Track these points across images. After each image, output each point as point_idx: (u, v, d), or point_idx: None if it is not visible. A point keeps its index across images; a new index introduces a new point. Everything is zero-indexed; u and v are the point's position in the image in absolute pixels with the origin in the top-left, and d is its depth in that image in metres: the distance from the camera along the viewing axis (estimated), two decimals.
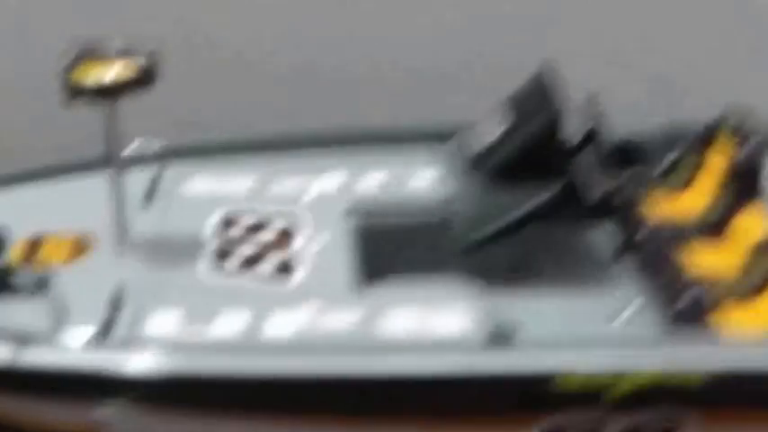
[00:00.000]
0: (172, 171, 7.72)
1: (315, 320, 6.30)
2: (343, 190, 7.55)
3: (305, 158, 7.87)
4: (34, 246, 7.00)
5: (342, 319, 6.32)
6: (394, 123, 8.12)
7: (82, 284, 6.54)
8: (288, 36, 11.78)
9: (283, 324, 6.28)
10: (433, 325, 6.30)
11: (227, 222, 7.25)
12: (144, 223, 7.09)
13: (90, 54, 6.74)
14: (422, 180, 7.60)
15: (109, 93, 6.60)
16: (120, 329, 6.23)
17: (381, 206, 7.40)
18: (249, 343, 6.14)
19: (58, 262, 6.84)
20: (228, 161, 7.87)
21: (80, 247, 7.00)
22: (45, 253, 6.94)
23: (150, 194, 7.40)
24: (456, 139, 7.70)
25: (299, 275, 6.78)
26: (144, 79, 6.66)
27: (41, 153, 8.25)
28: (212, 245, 7.03)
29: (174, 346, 6.09)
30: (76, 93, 6.61)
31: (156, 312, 6.34)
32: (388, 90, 10.93)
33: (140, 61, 6.68)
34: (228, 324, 6.27)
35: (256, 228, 7.21)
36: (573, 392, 6.01)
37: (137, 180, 7.28)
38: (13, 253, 6.89)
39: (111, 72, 6.64)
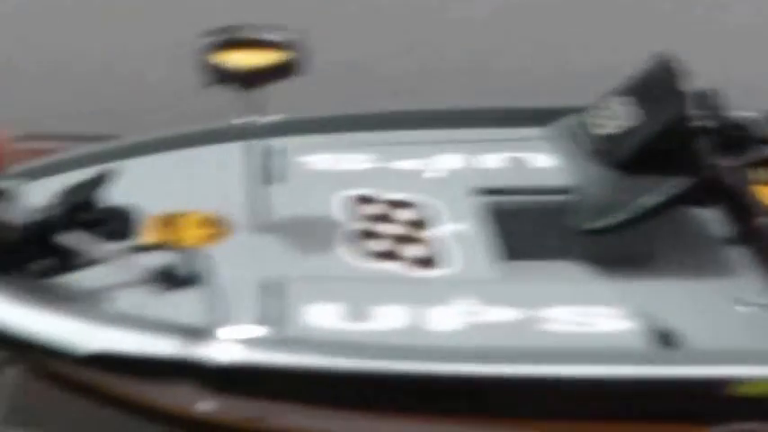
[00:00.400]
0: (290, 146, 7.54)
1: (473, 316, 6.15)
2: (464, 170, 7.47)
3: (421, 136, 7.77)
4: (169, 227, 6.77)
5: (499, 314, 6.17)
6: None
7: (231, 271, 6.37)
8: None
9: (444, 319, 6.13)
10: (587, 321, 6.17)
11: (360, 201, 7.12)
12: (274, 202, 6.87)
13: (235, 37, 6.55)
14: (541, 162, 7.53)
15: (253, 79, 6.40)
16: (284, 324, 6.05)
17: (504, 188, 7.30)
18: (415, 340, 5.99)
19: (199, 246, 6.61)
20: (345, 137, 7.77)
21: (218, 229, 6.78)
22: (183, 236, 6.70)
23: (273, 171, 7.13)
24: (571, 121, 7.64)
25: (443, 260, 6.68)
26: (289, 69, 6.47)
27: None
28: (350, 227, 6.89)
29: (342, 343, 5.92)
30: (220, 76, 6.42)
31: (314, 304, 6.14)
32: None
33: (288, 51, 6.50)
34: (390, 317, 6.11)
35: (389, 208, 7.10)
36: (747, 399, 5.88)
37: (256, 155, 7.01)
38: (149, 235, 6.70)
39: (256, 58, 6.44)
